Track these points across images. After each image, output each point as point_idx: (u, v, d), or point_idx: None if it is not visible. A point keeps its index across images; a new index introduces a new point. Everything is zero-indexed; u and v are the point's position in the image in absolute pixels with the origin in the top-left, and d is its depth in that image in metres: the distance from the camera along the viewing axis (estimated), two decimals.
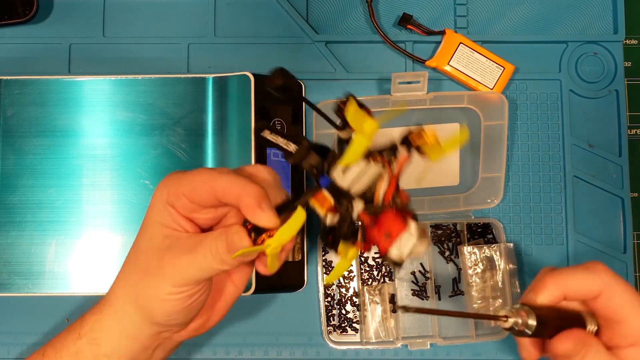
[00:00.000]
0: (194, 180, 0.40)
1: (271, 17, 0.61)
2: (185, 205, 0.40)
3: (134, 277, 0.42)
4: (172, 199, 0.40)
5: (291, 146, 0.38)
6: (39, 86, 0.57)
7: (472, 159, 0.59)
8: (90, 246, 0.56)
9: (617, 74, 0.60)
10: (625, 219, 0.59)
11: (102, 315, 0.43)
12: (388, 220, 0.37)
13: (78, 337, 0.43)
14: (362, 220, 0.38)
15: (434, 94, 0.57)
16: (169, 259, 0.40)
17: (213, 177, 0.39)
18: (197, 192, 0.39)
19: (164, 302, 0.40)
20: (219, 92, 0.56)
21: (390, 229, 0.37)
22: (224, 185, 0.39)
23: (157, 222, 0.41)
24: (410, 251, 0.37)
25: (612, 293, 0.40)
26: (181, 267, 0.39)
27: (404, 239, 0.37)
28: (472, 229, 0.58)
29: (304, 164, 0.39)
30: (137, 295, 0.41)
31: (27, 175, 0.56)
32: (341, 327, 0.57)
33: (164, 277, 0.40)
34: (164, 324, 0.42)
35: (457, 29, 0.61)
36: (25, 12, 0.60)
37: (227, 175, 0.39)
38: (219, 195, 0.39)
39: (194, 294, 0.41)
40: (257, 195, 0.38)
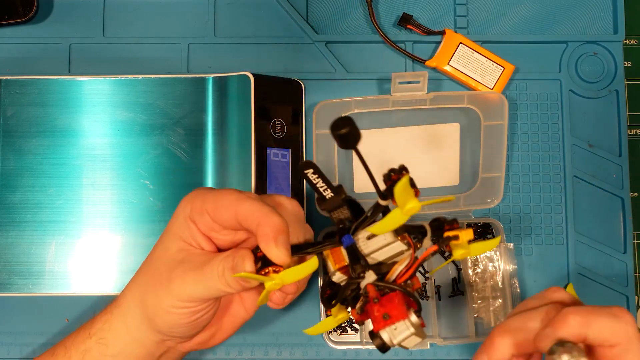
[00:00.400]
0: (220, 200, 0.40)
1: (271, 17, 0.61)
2: (207, 223, 0.40)
3: (143, 284, 0.42)
4: (195, 214, 0.40)
5: (328, 193, 0.38)
6: (39, 86, 0.57)
7: (472, 159, 0.59)
8: (90, 246, 0.56)
9: (617, 74, 0.60)
10: (625, 219, 0.59)
11: (111, 315, 0.43)
12: (392, 302, 0.37)
13: (88, 336, 0.44)
14: (368, 292, 0.37)
15: (434, 94, 0.57)
16: (178, 273, 0.40)
17: (239, 200, 0.39)
18: (221, 211, 0.39)
19: (167, 313, 0.40)
20: (219, 92, 0.56)
21: (391, 312, 0.36)
22: (247, 210, 0.38)
23: (175, 235, 0.41)
24: (402, 341, 0.36)
25: (628, 349, 0.35)
26: (188, 283, 0.39)
27: (400, 327, 0.36)
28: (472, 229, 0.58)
29: (333, 215, 0.39)
30: (143, 302, 0.42)
31: (27, 175, 0.56)
32: (341, 327, 0.57)
33: (170, 290, 0.40)
34: (167, 334, 0.42)
35: (457, 29, 0.61)
36: (25, 12, 0.60)
37: (252, 201, 0.39)
38: (240, 219, 0.39)
39: (198, 311, 0.41)
40: (276, 227, 0.37)
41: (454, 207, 0.58)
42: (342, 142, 0.33)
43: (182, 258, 0.41)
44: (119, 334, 0.43)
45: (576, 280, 0.58)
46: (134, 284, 0.43)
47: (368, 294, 0.37)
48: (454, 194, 0.58)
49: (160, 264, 0.41)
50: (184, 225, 0.41)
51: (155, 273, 0.41)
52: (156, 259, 0.42)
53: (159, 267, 0.41)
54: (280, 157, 0.56)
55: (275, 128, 0.56)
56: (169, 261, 0.41)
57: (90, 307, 0.57)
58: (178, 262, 0.40)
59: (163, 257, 0.41)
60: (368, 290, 0.37)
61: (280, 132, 0.56)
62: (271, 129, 0.56)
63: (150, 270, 0.42)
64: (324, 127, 0.57)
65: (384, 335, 0.37)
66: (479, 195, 0.58)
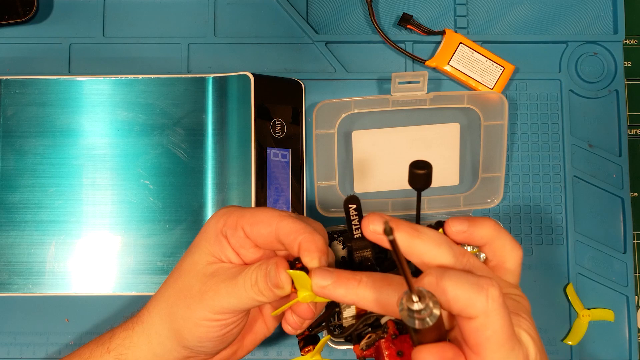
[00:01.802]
0: (259, 216, 0.40)
1: (271, 17, 0.61)
2: (240, 238, 0.40)
3: (173, 298, 0.41)
4: (228, 229, 0.40)
5: (357, 233, 0.40)
6: (39, 86, 0.57)
7: (472, 159, 0.59)
8: (90, 246, 0.56)
9: (617, 74, 0.60)
10: (625, 219, 0.59)
11: (132, 331, 0.43)
12: (407, 342, 0.38)
13: (106, 351, 0.43)
14: (389, 327, 0.39)
15: (434, 94, 0.57)
16: (211, 285, 0.40)
17: (280, 217, 0.39)
18: (258, 228, 0.39)
19: (197, 326, 0.40)
20: (219, 92, 0.56)
21: (406, 351, 0.38)
22: (291, 227, 0.39)
23: (204, 249, 0.41)
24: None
25: (485, 325, 0.33)
26: (221, 294, 0.39)
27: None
28: None
29: (356, 254, 0.40)
30: (172, 315, 0.41)
31: (27, 175, 0.56)
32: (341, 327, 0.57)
33: (203, 302, 0.40)
34: (194, 349, 0.42)
35: (457, 29, 0.61)
36: (25, 12, 0.60)
37: (294, 219, 0.39)
38: (281, 235, 0.39)
39: (229, 324, 0.41)
40: (319, 247, 0.38)
41: (455, 207, 0.58)
42: (415, 180, 0.38)
43: (213, 271, 0.40)
44: (140, 351, 0.42)
45: (576, 280, 0.58)
46: (160, 299, 0.43)
47: (387, 329, 0.39)
48: (454, 194, 0.58)
49: (190, 277, 0.41)
50: (214, 240, 0.41)
51: (184, 286, 0.41)
52: (185, 273, 0.42)
53: (189, 280, 0.41)
54: (280, 157, 0.56)
55: (275, 128, 0.56)
56: (200, 274, 0.41)
57: (91, 307, 0.57)
58: (209, 275, 0.40)
59: (193, 271, 0.41)
60: (389, 326, 0.39)
61: (280, 132, 0.56)
62: (271, 128, 0.56)
63: (179, 284, 0.42)
64: (324, 127, 0.57)
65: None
66: (479, 195, 0.58)
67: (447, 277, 0.32)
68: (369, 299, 0.36)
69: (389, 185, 0.58)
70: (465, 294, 0.32)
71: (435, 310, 0.30)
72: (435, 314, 0.30)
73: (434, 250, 0.35)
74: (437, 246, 0.35)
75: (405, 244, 0.35)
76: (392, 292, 0.35)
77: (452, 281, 0.32)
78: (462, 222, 0.40)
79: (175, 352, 0.42)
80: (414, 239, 0.35)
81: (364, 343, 0.40)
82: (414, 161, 0.37)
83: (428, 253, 0.35)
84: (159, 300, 0.43)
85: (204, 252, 0.41)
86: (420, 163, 0.37)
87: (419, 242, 0.35)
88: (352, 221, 0.40)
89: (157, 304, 0.43)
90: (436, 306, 0.30)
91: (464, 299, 0.32)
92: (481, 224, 0.40)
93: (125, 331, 0.43)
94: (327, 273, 0.36)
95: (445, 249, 0.35)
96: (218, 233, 0.41)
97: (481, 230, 0.40)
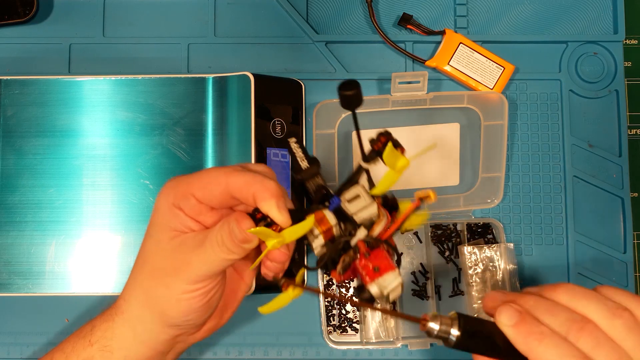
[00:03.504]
0: (206, 178, 0.40)
1: (271, 17, 0.61)
2: (194, 206, 0.40)
3: (147, 282, 0.41)
4: (179, 200, 0.40)
5: (304, 163, 0.40)
6: (39, 86, 0.57)
7: (472, 159, 0.59)
8: (90, 246, 0.56)
9: (617, 74, 0.60)
10: (625, 219, 0.59)
11: (113, 322, 0.43)
12: (380, 256, 0.40)
13: (89, 343, 0.43)
14: (360, 247, 0.40)
15: (434, 94, 0.57)
16: (180, 257, 0.40)
17: (227, 174, 0.39)
18: (209, 190, 0.39)
19: (179, 301, 0.40)
20: (219, 92, 0.56)
21: (380, 265, 0.39)
22: (240, 181, 0.39)
23: (163, 225, 0.41)
24: (391, 290, 0.39)
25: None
26: (193, 264, 0.39)
27: (388, 277, 0.39)
28: (472, 229, 0.59)
29: (308, 183, 0.41)
30: (151, 299, 0.41)
31: (27, 175, 0.56)
32: (341, 327, 0.57)
33: (178, 276, 0.40)
34: (181, 325, 0.42)
35: (457, 29, 0.61)
36: (25, 12, 0.60)
37: (241, 171, 0.39)
38: (234, 191, 0.39)
39: (209, 290, 0.41)
40: (275, 192, 0.38)
41: (455, 207, 0.58)
42: (345, 102, 0.37)
43: (179, 244, 0.40)
44: (125, 340, 0.43)
45: (576, 280, 0.58)
46: (134, 286, 0.43)
47: (359, 249, 0.40)
48: (453, 194, 0.58)
49: (158, 257, 0.41)
50: (169, 214, 0.40)
51: (155, 267, 0.41)
52: (152, 254, 0.42)
53: (158, 260, 0.41)
54: (280, 157, 0.56)
55: (275, 128, 0.56)
56: (166, 251, 0.41)
57: (91, 307, 0.57)
58: (176, 249, 0.40)
59: (158, 250, 0.41)
60: (359, 246, 0.40)
61: (280, 132, 0.56)
62: (271, 128, 0.56)
63: (149, 266, 0.42)
64: (324, 127, 0.57)
65: (373, 289, 0.39)
66: (479, 195, 0.58)
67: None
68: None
69: None
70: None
71: (453, 331, 0.38)
72: (453, 334, 0.38)
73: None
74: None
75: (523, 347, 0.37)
76: None
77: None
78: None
79: (163, 334, 0.42)
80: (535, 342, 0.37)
81: (339, 268, 0.41)
82: (341, 83, 0.37)
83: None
84: (133, 287, 0.43)
85: (163, 228, 0.41)
86: (347, 85, 0.37)
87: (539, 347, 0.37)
88: (295, 155, 0.40)
89: (132, 292, 0.43)
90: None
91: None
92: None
93: (105, 323, 0.43)
94: (287, 214, 0.38)
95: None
96: (171, 206, 0.40)
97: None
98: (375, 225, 0.41)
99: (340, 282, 0.41)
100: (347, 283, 0.58)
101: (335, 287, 0.58)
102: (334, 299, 0.46)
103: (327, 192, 0.41)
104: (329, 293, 0.42)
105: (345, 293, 0.58)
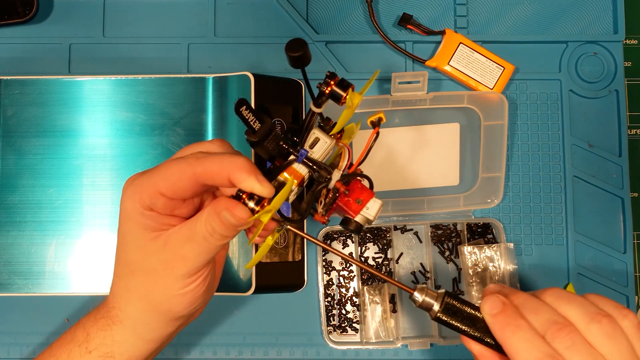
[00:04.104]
0: (171, 175, 0.38)
1: (271, 17, 0.61)
2: (166, 204, 0.39)
3: (143, 289, 0.41)
4: (149, 202, 0.39)
5: (257, 125, 0.40)
6: (39, 86, 0.57)
7: (472, 159, 0.59)
8: (90, 246, 0.56)
9: (617, 74, 0.60)
10: (625, 219, 0.59)
11: (112, 331, 0.42)
12: (357, 189, 0.43)
13: (86, 351, 0.43)
14: (339, 187, 0.42)
15: (434, 93, 0.57)
16: (170, 255, 0.39)
17: (191, 165, 0.38)
18: (178, 186, 0.38)
19: (184, 295, 0.40)
20: (219, 92, 0.56)
21: (361, 196, 0.43)
22: (207, 168, 0.38)
23: (139, 229, 0.40)
24: (376, 213, 0.43)
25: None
26: (190, 258, 0.39)
27: (371, 205, 0.43)
28: (472, 229, 0.59)
29: (268, 143, 0.41)
30: (152, 302, 0.41)
31: (27, 175, 0.56)
32: (341, 327, 0.57)
33: (176, 273, 0.39)
34: (188, 313, 0.42)
35: (457, 29, 0.61)
36: (25, 12, 0.60)
37: (206, 158, 0.38)
38: (206, 180, 0.38)
39: (207, 275, 0.41)
40: (247, 167, 0.37)
41: (455, 207, 0.58)
42: (294, 62, 0.39)
43: (164, 242, 0.39)
44: (127, 342, 0.42)
45: (576, 280, 0.58)
46: (127, 296, 0.42)
47: (339, 189, 0.42)
48: (453, 194, 0.58)
49: (146, 262, 0.40)
50: (143, 217, 0.39)
51: (147, 272, 0.40)
52: (139, 260, 0.41)
53: (147, 265, 0.40)
54: None
55: (250, 107, 0.56)
56: (154, 253, 0.40)
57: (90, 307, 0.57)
58: (162, 249, 0.39)
59: (145, 254, 0.40)
60: (337, 187, 0.42)
61: (280, 132, 0.56)
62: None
63: (141, 273, 0.41)
64: None
65: (359, 219, 0.43)
66: (479, 195, 0.58)
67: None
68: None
69: (389, 185, 0.58)
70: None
71: (435, 306, 0.41)
72: (435, 309, 0.41)
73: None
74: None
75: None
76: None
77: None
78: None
79: (169, 327, 0.42)
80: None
81: (321, 210, 0.43)
82: (288, 44, 0.38)
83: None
84: (127, 297, 0.42)
85: (140, 233, 0.40)
86: (294, 45, 0.38)
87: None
88: (249, 120, 0.40)
89: (127, 300, 0.42)
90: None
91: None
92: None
93: (101, 331, 0.43)
94: (268, 184, 0.38)
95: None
96: (141, 210, 0.39)
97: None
98: (341, 161, 0.43)
99: (325, 222, 0.43)
100: (347, 283, 0.58)
101: (335, 287, 0.58)
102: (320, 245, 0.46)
103: (288, 146, 0.41)
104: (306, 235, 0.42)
105: (345, 293, 0.58)
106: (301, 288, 0.56)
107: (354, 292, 0.58)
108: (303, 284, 0.56)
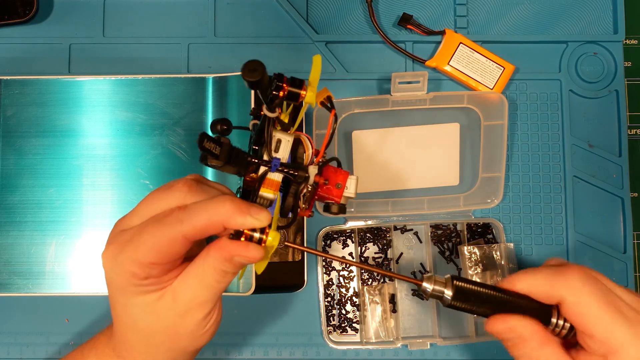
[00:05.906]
0: (159, 244, 0.36)
1: (271, 17, 0.61)
2: (157, 268, 0.37)
3: (166, 344, 0.40)
4: (143, 274, 0.37)
5: (217, 149, 0.39)
6: (39, 86, 0.57)
7: (472, 159, 0.59)
8: (91, 246, 0.56)
9: (617, 74, 0.60)
10: (625, 219, 0.59)
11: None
12: (332, 174, 0.43)
13: None
14: (318, 181, 0.42)
15: (434, 94, 0.57)
16: (185, 307, 0.38)
17: (176, 228, 0.36)
18: (169, 251, 0.36)
19: (205, 333, 0.40)
20: (219, 92, 0.56)
21: (339, 180, 0.43)
22: (197, 224, 0.36)
23: (140, 298, 0.38)
24: (356, 189, 0.44)
25: (576, 303, 0.39)
26: (201, 304, 0.38)
27: (349, 184, 0.44)
28: (472, 229, 0.59)
29: (235, 162, 0.39)
30: (176, 351, 0.41)
31: (27, 175, 0.56)
32: (341, 327, 0.57)
33: (193, 321, 0.39)
34: (210, 338, 0.42)
35: (457, 29, 0.61)
36: (25, 12, 0.60)
37: (190, 215, 0.36)
38: (196, 236, 0.36)
39: (220, 302, 0.41)
40: (235, 207, 0.36)
41: (455, 207, 0.58)
42: (250, 85, 0.38)
43: (172, 299, 0.38)
44: None
45: None
46: (150, 358, 0.41)
47: (318, 183, 0.43)
48: (453, 194, 0.58)
49: (160, 322, 0.39)
50: (141, 287, 0.38)
51: (165, 329, 0.39)
52: (152, 324, 0.39)
53: (162, 325, 0.39)
54: None
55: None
56: (164, 312, 0.39)
57: (91, 307, 0.57)
58: (172, 304, 0.38)
59: (155, 317, 0.39)
60: (317, 181, 0.42)
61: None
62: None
63: (157, 334, 0.40)
64: (324, 127, 0.57)
65: (342, 200, 0.44)
66: (479, 195, 0.58)
67: (529, 271, 0.42)
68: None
69: (389, 185, 0.58)
70: (543, 283, 0.41)
71: (447, 292, 0.41)
72: (447, 294, 0.41)
73: None
74: None
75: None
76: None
77: (533, 274, 0.42)
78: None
79: (188, 357, 0.43)
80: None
81: (303, 205, 0.42)
82: (243, 67, 0.37)
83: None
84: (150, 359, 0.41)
85: (142, 299, 0.38)
86: (250, 70, 0.38)
87: None
88: (212, 150, 0.38)
89: (144, 357, 0.41)
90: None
91: (545, 288, 0.41)
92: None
93: None
94: (263, 211, 0.37)
95: None
96: (137, 282, 0.37)
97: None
98: (306, 152, 0.43)
99: (310, 215, 0.43)
100: (347, 283, 0.58)
101: (335, 287, 0.58)
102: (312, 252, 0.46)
103: (256, 160, 0.41)
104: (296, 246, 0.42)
105: (345, 293, 0.58)
106: (301, 288, 0.56)
107: (353, 292, 0.58)
108: (303, 284, 0.56)
